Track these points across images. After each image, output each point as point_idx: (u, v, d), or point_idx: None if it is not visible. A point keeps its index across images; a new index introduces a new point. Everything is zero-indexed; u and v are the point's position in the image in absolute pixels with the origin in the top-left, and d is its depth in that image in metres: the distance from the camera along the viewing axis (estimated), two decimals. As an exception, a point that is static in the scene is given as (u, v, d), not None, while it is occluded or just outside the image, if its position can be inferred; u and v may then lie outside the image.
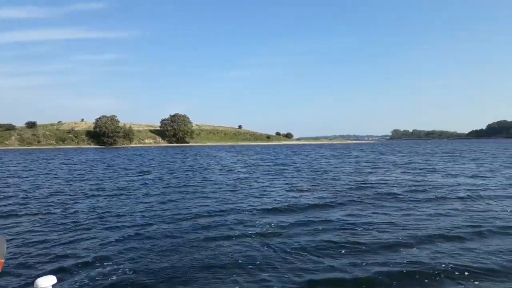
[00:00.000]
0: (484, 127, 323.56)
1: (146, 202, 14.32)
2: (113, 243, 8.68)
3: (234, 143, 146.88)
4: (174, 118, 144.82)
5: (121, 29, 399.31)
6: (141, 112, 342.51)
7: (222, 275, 6.62)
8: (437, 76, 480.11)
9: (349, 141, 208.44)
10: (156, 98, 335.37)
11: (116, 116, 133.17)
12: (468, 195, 14.97)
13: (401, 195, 15.25)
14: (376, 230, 9.60)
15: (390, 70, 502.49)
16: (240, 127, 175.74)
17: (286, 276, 6.55)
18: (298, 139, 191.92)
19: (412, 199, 14.37)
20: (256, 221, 10.78)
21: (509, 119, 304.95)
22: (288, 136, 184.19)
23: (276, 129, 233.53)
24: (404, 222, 10.39)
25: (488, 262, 7.03)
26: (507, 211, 11.77)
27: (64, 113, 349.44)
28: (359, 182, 19.71)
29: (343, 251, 7.85)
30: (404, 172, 25.98)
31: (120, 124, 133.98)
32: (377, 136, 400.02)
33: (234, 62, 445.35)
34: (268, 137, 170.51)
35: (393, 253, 7.73)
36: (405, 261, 7.13)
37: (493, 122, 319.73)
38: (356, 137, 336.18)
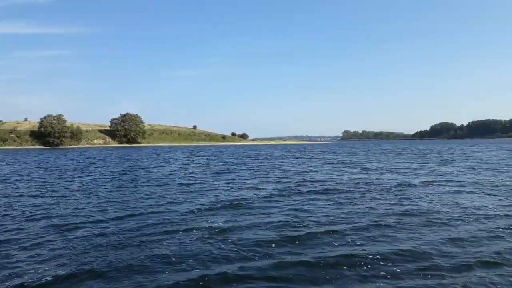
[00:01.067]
0: (428, 128, 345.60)
1: (88, 202, 14.41)
2: (51, 242, 8.82)
3: (188, 144, 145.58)
4: (125, 118, 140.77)
5: (67, 25, 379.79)
6: (90, 111, 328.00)
7: (159, 269, 7.02)
8: (385, 79, 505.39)
9: (302, 142, 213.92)
10: (106, 97, 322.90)
11: (63, 116, 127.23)
12: (395, 190, 16.78)
13: (338, 190, 16.72)
14: (312, 220, 10.74)
15: (340, 72, 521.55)
16: (195, 127, 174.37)
17: (222, 264, 7.29)
18: (253, 140, 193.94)
19: (348, 193, 15.85)
20: (201, 216, 11.42)
21: (450, 121, 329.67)
22: (244, 136, 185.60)
23: (232, 130, 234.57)
24: (338, 213, 11.65)
25: (405, 243, 8.38)
26: (425, 203, 13.54)
27: (5, 113, 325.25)
28: (304, 180, 21.10)
29: (281, 239, 8.73)
30: (344, 170, 27.92)
31: (68, 124, 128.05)
32: (329, 137, 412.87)
33: (188, 61, 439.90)
34: (224, 138, 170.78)
35: (325, 239, 8.78)
36: (335, 247, 8.23)
37: (436, 124, 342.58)
38: (309, 138, 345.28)
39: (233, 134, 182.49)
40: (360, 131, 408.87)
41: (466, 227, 9.76)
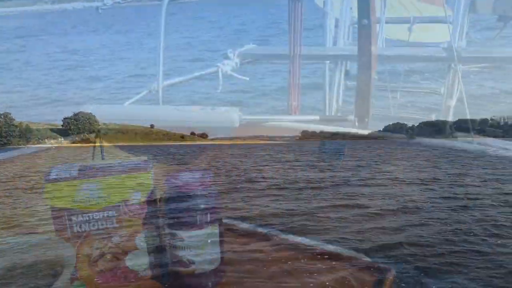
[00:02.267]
0: (381, 129, 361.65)
1: (37, 203, 14.62)
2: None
3: (145, 143, 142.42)
4: (78, 116, 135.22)
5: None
6: (41, 109, 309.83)
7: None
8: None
9: (262, 141, 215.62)
10: (58, 94, 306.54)
11: (10, 114, 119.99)
12: (333, 184, 18.32)
13: (284, 186, 17.94)
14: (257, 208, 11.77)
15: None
16: (152, 126, 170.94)
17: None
18: (213, 139, 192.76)
19: (293, 189, 17.07)
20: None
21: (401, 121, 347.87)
22: (203, 136, 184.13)
23: (191, 129, 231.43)
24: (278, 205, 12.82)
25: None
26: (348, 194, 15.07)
27: None
28: (253, 178, 22.13)
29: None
30: (294, 168, 29.34)
31: (15, 123, 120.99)
32: (288, 136, 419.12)
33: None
34: (182, 137, 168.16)
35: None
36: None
37: (389, 124, 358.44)
38: (269, 137, 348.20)
39: (192, 133, 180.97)
40: (318, 131, 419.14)
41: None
